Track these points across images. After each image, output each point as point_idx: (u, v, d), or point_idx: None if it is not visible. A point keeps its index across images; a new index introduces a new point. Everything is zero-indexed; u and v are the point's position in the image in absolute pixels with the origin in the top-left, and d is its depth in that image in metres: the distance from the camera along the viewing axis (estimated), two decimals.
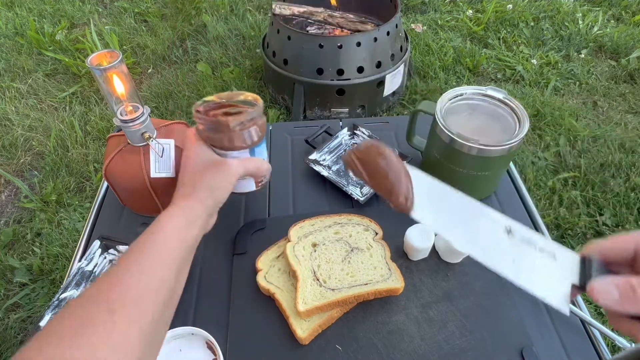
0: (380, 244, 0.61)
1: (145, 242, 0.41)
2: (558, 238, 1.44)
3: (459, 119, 0.66)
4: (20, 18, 2.48)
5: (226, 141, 0.54)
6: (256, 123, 0.54)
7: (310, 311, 0.52)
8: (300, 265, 0.57)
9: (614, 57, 2.20)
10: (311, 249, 0.59)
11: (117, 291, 0.36)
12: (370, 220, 0.63)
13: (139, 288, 0.37)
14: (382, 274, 0.57)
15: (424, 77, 2.08)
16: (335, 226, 0.63)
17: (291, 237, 0.61)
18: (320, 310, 0.53)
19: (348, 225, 0.63)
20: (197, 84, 2.02)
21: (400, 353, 0.52)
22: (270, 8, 1.82)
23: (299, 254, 0.58)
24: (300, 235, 0.61)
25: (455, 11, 2.53)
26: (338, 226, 0.63)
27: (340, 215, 0.64)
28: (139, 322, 0.36)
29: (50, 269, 1.39)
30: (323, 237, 0.61)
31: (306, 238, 0.61)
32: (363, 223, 0.63)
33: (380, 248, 0.60)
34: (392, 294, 0.56)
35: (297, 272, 0.56)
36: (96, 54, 0.54)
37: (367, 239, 0.61)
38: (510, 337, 0.54)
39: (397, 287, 0.55)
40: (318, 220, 0.63)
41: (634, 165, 1.63)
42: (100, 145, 1.79)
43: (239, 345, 0.53)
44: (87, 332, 0.33)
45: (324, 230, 0.62)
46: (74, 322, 0.34)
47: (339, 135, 0.76)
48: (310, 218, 0.63)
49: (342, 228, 0.62)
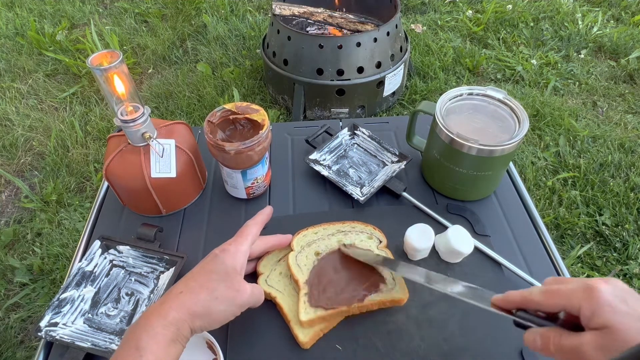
0: (384, 252, 0.59)
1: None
2: (558, 238, 1.44)
3: (459, 119, 0.66)
4: (21, 18, 2.48)
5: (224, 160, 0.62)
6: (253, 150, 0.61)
7: (313, 321, 0.52)
8: (302, 274, 0.56)
9: (614, 57, 2.20)
10: (314, 258, 0.58)
11: None
12: (374, 228, 0.62)
13: None
14: (386, 284, 0.56)
15: (423, 77, 2.08)
16: (339, 234, 0.61)
17: (294, 246, 0.59)
18: (323, 320, 0.53)
19: (352, 233, 0.61)
20: (197, 84, 2.02)
21: (400, 353, 0.52)
22: (270, 8, 1.82)
23: (302, 263, 0.57)
24: (303, 244, 0.59)
25: (455, 11, 2.53)
26: (341, 234, 0.61)
27: (343, 223, 0.62)
28: None
29: (51, 269, 1.39)
30: (326, 246, 0.59)
31: (309, 247, 0.59)
32: (367, 230, 0.62)
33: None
34: (396, 304, 0.55)
35: (299, 282, 0.55)
36: (97, 54, 0.54)
37: (371, 247, 0.60)
38: (510, 337, 0.54)
39: (401, 297, 0.54)
40: (321, 229, 0.62)
41: (633, 165, 1.64)
42: (100, 146, 1.79)
43: (239, 346, 0.53)
44: None
45: (327, 238, 0.60)
46: None
47: (339, 135, 0.76)
48: (313, 226, 0.62)
49: (346, 236, 0.61)
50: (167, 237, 0.66)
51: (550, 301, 0.37)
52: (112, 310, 0.57)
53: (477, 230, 0.65)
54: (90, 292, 0.58)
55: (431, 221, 0.65)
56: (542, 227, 0.68)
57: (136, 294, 0.59)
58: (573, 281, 0.38)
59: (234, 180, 0.67)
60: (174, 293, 0.45)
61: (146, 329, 0.41)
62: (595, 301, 0.34)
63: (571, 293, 0.36)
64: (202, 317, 0.44)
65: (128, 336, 0.41)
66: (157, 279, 0.60)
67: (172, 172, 0.62)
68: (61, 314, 0.55)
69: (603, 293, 0.34)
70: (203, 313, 0.44)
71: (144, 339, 0.40)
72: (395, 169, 0.71)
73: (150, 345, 0.40)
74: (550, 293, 0.37)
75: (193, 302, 0.44)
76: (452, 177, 0.67)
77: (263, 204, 0.71)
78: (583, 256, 1.39)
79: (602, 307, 0.34)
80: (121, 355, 0.40)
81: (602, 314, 0.34)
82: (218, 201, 0.71)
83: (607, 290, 0.35)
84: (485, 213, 0.69)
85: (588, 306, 0.34)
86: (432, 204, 0.69)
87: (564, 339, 0.35)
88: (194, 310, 0.44)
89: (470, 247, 0.58)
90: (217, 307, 0.45)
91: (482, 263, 0.61)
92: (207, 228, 0.67)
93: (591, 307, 0.34)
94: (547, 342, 0.36)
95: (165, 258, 0.61)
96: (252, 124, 0.66)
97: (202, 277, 0.47)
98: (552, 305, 0.37)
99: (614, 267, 1.36)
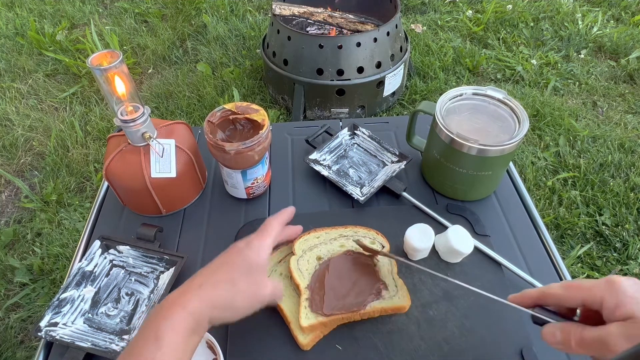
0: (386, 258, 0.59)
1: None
2: (558, 238, 1.44)
3: (459, 119, 0.66)
4: (21, 18, 2.48)
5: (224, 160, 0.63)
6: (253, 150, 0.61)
7: (314, 327, 0.51)
8: (304, 279, 0.55)
9: (614, 57, 2.20)
10: (316, 262, 0.57)
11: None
12: (377, 233, 0.61)
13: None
14: (389, 291, 0.55)
15: (423, 77, 2.08)
16: (341, 239, 0.60)
17: (295, 250, 0.58)
18: (324, 326, 0.52)
19: (354, 238, 0.60)
20: (197, 84, 2.02)
21: (400, 353, 0.52)
22: (270, 8, 1.82)
23: (303, 268, 0.56)
24: (305, 248, 0.58)
25: (455, 11, 2.53)
26: (343, 239, 0.60)
27: (345, 227, 0.62)
28: None
29: (51, 269, 1.39)
30: (328, 250, 0.58)
31: (311, 251, 0.58)
32: (369, 235, 0.61)
33: (387, 263, 0.58)
34: (398, 311, 0.55)
35: (300, 287, 0.54)
36: (97, 54, 0.54)
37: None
38: (510, 337, 0.54)
39: (404, 305, 0.54)
40: (323, 233, 0.61)
41: (633, 165, 1.64)
42: (100, 146, 1.79)
43: (239, 346, 0.53)
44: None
45: (329, 243, 0.59)
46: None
47: (339, 135, 0.76)
48: (316, 230, 0.61)
49: (348, 241, 0.60)
50: (167, 237, 0.66)
51: (571, 294, 0.38)
52: (112, 310, 0.57)
53: (477, 230, 0.65)
54: (90, 292, 0.58)
55: (431, 221, 0.65)
56: (542, 227, 0.68)
57: (136, 294, 0.59)
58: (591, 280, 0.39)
59: (234, 180, 0.67)
60: (195, 284, 0.44)
61: (166, 319, 0.41)
62: (619, 293, 0.35)
63: (593, 286, 0.37)
64: (223, 310, 0.44)
65: (147, 325, 0.41)
66: (157, 279, 0.60)
67: (172, 172, 0.62)
68: (61, 314, 0.55)
69: (626, 286, 0.36)
70: (224, 306, 0.44)
71: (163, 329, 0.40)
72: (395, 169, 0.71)
73: (170, 335, 0.40)
74: (571, 286, 0.39)
75: (214, 294, 0.44)
76: (452, 177, 0.67)
77: (263, 203, 0.71)
78: (583, 256, 1.39)
79: (626, 298, 0.35)
80: (140, 344, 0.40)
81: (627, 304, 0.35)
82: (218, 201, 0.71)
83: (629, 283, 0.36)
84: (485, 213, 0.69)
85: (611, 298, 0.36)
86: (432, 204, 0.69)
87: (587, 332, 0.36)
88: (215, 303, 0.44)
89: (470, 247, 0.58)
90: (238, 302, 0.45)
91: (482, 263, 0.61)
92: (207, 228, 0.67)
93: (615, 298, 0.35)
94: (568, 336, 0.37)
95: (165, 258, 0.61)
96: (252, 124, 0.66)
97: (225, 270, 0.46)
98: (572, 297, 0.38)
99: (614, 267, 1.36)
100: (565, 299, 0.39)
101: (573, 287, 0.38)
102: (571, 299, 0.38)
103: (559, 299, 0.39)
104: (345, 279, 0.55)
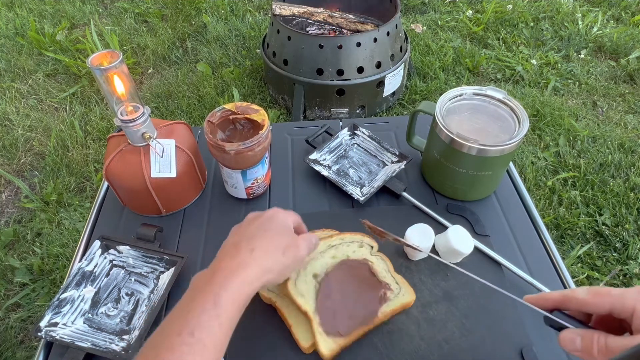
0: (379, 257, 0.59)
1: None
2: (558, 238, 1.44)
3: (459, 119, 0.66)
4: (21, 18, 2.48)
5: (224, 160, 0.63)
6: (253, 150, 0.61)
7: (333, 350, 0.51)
8: (309, 304, 0.52)
9: (614, 57, 2.20)
10: (313, 281, 0.55)
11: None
12: (363, 235, 0.60)
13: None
14: (393, 291, 0.55)
15: (423, 77, 2.08)
16: (330, 250, 0.58)
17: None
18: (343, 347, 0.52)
19: (342, 246, 0.59)
20: (197, 84, 2.02)
21: (400, 353, 0.52)
22: (270, 8, 1.82)
23: (303, 290, 0.54)
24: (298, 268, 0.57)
25: (455, 11, 2.53)
26: (333, 249, 0.58)
27: (331, 236, 0.60)
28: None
29: (51, 269, 1.39)
30: (321, 265, 0.56)
31: (305, 270, 0.56)
32: (356, 239, 0.60)
33: (382, 262, 0.58)
34: (406, 307, 0.55)
35: (308, 313, 0.52)
36: (97, 54, 0.54)
37: (365, 255, 0.58)
38: (510, 337, 0.54)
39: (410, 300, 0.54)
40: None
41: (633, 165, 1.64)
42: (100, 146, 1.79)
43: (239, 346, 0.53)
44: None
45: (320, 257, 0.57)
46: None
47: (339, 135, 0.76)
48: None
49: (337, 250, 0.58)
50: (167, 237, 0.66)
51: (598, 300, 0.37)
52: (112, 310, 0.57)
53: (477, 230, 0.65)
54: (90, 292, 0.58)
55: (431, 221, 0.65)
56: (542, 227, 0.68)
57: (136, 294, 0.59)
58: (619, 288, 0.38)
59: (234, 180, 0.67)
60: (246, 249, 0.45)
61: (225, 288, 0.41)
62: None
63: (624, 293, 0.36)
64: (273, 272, 0.46)
65: (206, 289, 0.41)
66: (157, 279, 0.60)
67: (172, 172, 0.62)
68: (61, 314, 0.55)
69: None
70: (274, 269, 0.46)
71: (223, 300, 0.41)
72: (395, 169, 0.71)
73: (228, 304, 0.41)
74: (599, 293, 0.37)
75: (266, 258, 0.46)
76: (452, 177, 0.67)
77: (263, 204, 0.71)
78: (583, 256, 1.39)
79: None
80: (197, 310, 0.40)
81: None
82: (218, 201, 0.71)
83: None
84: (485, 213, 0.69)
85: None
86: (432, 204, 0.69)
87: (611, 341, 0.35)
88: (267, 267, 0.45)
89: (470, 247, 0.58)
90: (285, 262, 0.47)
91: (482, 263, 0.61)
92: (207, 228, 0.67)
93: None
94: (590, 344, 0.36)
95: (165, 258, 0.61)
96: (252, 124, 0.66)
97: (269, 235, 0.48)
98: (598, 304, 0.37)
99: (614, 267, 1.36)
100: (590, 305, 0.37)
101: (601, 293, 0.37)
102: (597, 306, 0.37)
103: (583, 304, 0.38)
104: (349, 292, 0.55)
